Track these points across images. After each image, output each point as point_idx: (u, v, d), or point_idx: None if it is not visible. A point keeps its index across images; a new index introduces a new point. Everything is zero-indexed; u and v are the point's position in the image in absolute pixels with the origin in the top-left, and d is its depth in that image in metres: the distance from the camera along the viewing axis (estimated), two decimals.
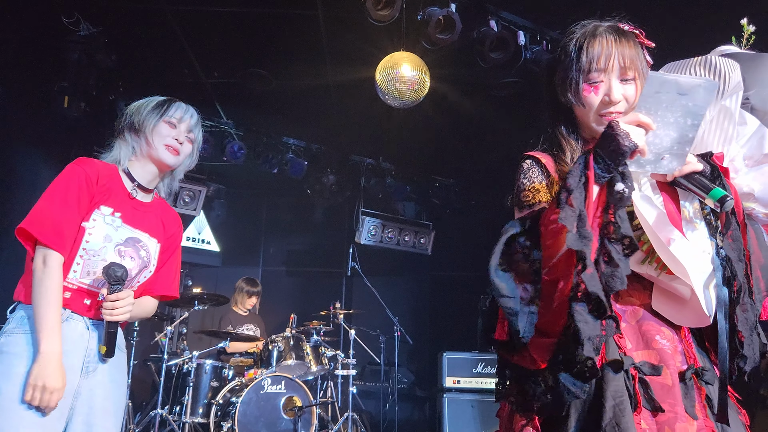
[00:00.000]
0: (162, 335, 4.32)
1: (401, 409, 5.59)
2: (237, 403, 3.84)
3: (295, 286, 6.70)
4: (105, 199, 1.65)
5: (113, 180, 1.70)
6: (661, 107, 1.10)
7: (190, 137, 1.82)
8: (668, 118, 1.10)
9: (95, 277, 1.63)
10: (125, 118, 1.78)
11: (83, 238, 1.59)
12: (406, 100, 3.80)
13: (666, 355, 1.16)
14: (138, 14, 3.97)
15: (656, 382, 1.13)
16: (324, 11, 3.93)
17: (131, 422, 4.10)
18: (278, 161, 5.68)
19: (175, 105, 1.79)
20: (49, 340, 1.48)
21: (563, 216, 1.04)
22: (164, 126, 1.74)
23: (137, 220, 1.73)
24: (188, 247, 5.94)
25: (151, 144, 1.73)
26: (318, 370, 4.46)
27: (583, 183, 1.08)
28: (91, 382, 1.60)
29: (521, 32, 3.90)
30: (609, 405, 1.08)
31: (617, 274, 1.04)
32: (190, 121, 1.81)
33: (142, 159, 1.76)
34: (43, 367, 1.46)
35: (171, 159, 1.76)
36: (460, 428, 4.55)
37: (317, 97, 5.00)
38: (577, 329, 1.02)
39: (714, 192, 1.10)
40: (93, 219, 1.61)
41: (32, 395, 1.44)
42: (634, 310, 1.23)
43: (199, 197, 5.65)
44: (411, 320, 6.11)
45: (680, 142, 1.11)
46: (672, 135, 1.11)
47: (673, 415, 1.10)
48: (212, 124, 5.39)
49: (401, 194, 6.41)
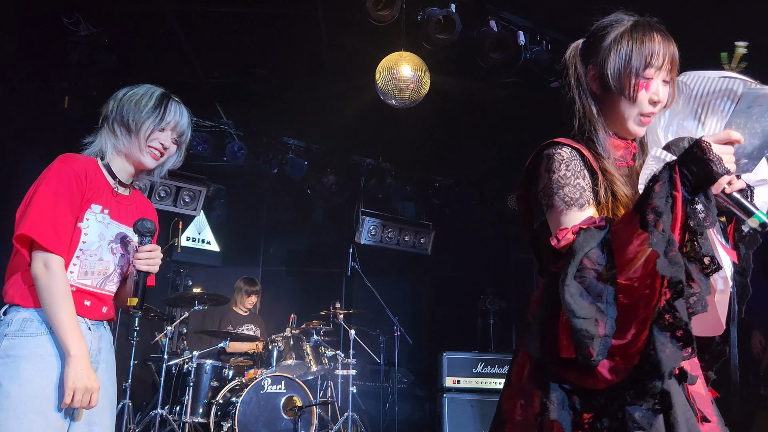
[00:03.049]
0: (162, 335, 4.32)
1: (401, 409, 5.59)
2: (237, 402, 3.84)
3: (295, 286, 6.70)
4: (94, 196, 1.65)
5: (97, 176, 1.68)
6: (751, 119, 1.10)
7: (179, 140, 1.79)
8: (756, 129, 1.10)
9: (93, 277, 1.63)
10: (119, 109, 1.72)
11: (80, 239, 1.60)
12: (406, 100, 3.80)
13: (695, 364, 1.16)
14: (138, 14, 3.97)
15: (694, 392, 1.10)
16: (324, 11, 3.93)
17: (131, 422, 4.10)
18: (278, 161, 5.67)
19: (172, 109, 1.75)
20: (75, 342, 1.50)
21: (654, 241, 0.97)
22: (157, 132, 1.72)
23: (122, 215, 1.73)
24: (188, 247, 5.94)
25: (141, 147, 1.71)
26: (318, 370, 4.46)
27: (670, 206, 1.00)
28: None
29: (521, 32, 3.90)
30: (681, 420, 1.02)
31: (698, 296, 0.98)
32: (182, 124, 1.78)
33: (123, 156, 1.74)
34: (78, 369, 1.48)
35: (152, 163, 1.74)
36: (460, 428, 4.55)
37: (317, 97, 5.00)
38: (659, 360, 0.96)
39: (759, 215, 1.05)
40: (87, 218, 1.61)
41: (74, 398, 1.47)
42: None
43: (199, 197, 5.65)
44: (411, 320, 6.10)
45: (761, 147, 1.12)
46: (756, 143, 1.11)
47: (714, 424, 1.09)
48: (212, 124, 5.39)
49: (401, 194, 6.41)
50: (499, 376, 4.70)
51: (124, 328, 4.64)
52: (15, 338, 1.50)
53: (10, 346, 1.49)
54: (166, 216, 5.58)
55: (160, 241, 6.33)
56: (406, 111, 4.20)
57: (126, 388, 4.03)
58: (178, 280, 5.91)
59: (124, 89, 1.77)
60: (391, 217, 6.44)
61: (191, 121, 1.83)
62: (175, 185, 5.47)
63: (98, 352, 1.65)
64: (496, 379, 4.69)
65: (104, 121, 1.74)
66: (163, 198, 5.40)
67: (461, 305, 6.23)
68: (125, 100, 1.73)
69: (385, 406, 5.74)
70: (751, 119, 1.09)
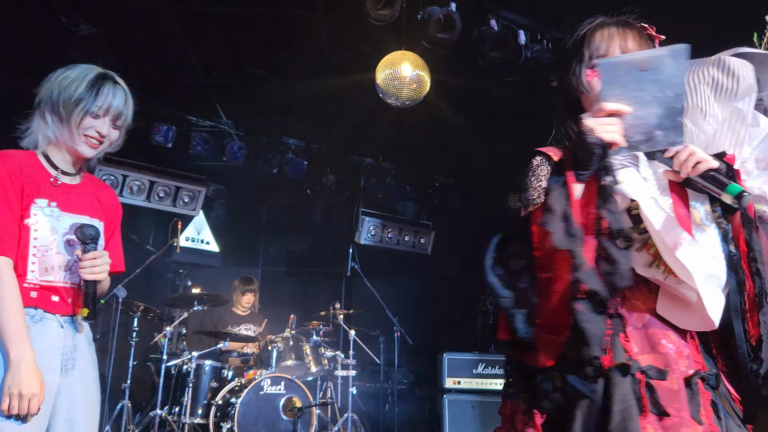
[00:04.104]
0: (161, 336, 4.31)
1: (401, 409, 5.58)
2: (236, 403, 3.83)
3: (295, 286, 6.69)
4: (36, 190, 1.58)
5: (35, 168, 1.61)
6: (628, 89, 1.08)
7: (117, 124, 1.67)
8: (644, 97, 1.08)
9: (55, 272, 1.59)
10: (49, 93, 1.62)
11: (30, 236, 1.55)
12: (406, 100, 3.79)
13: (671, 360, 1.16)
14: (138, 14, 3.97)
15: (662, 386, 1.12)
16: (324, 11, 3.93)
17: (131, 423, 4.09)
18: (278, 161, 5.67)
19: (105, 90, 1.62)
20: (16, 347, 1.44)
21: (544, 220, 1.06)
22: (89, 119, 1.61)
23: (73, 204, 1.66)
24: (188, 247, 5.92)
25: (74, 136, 1.61)
26: (318, 371, 4.45)
27: (562, 184, 1.09)
28: (70, 379, 1.59)
29: (521, 31, 3.90)
30: (617, 409, 1.08)
31: (618, 270, 1.03)
32: (119, 108, 1.65)
33: (60, 146, 1.65)
34: (15, 375, 1.42)
35: (90, 152, 1.65)
36: (461, 429, 4.54)
37: (317, 97, 4.99)
38: (583, 329, 1.02)
39: (731, 187, 1.07)
40: (33, 214, 1.56)
41: (10, 404, 1.41)
42: (639, 314, 1.22)
43: (198, 197, 5.64)
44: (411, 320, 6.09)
45: (669, 115, 1.09)
46: (656, 111, 1.09)
47: (678, 419, 1.09)
48: (212, 124, 5.38)
49: (401, 194, 6.41)
50: (499, 376, 4.69)
51: (124, 329, 4.63)
52: None
53: None
54: (166, 216, 5.57)
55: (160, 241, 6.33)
56: (406, 111, 4.19)
57: (125, 389, 4.02)
58: (177, 280, 5.90)
59: (58, 71, 1.66)
60: (391, 217, 6.43)
61: (129, 100, 1.69)
62: (175, 185, 5.47)
63: (73, 349, 1.61)
64: (497, 380, 4.68)
65: (36, 106, 1.65)
66: (162, 198, 5.39)
67: (461, 305, 6.22)
68: (56, 84, 1.62)
69: (385, 406, 5.73)
70: (628, 88, 1.08)
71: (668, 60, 1.05)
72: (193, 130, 5.19)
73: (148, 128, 4.85)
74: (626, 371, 1.12)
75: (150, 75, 4.59)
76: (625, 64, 1.07)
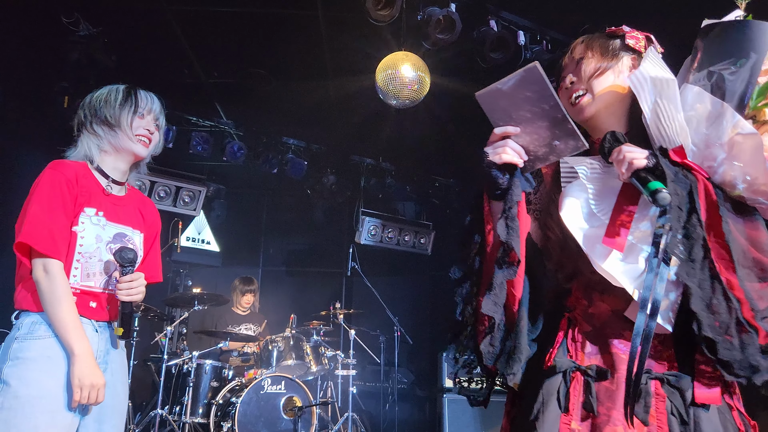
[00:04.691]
0: (162, 335, 4.32)
1: (401, 409, 5.59)
2: (237, 403, 3.84)
3: (295, 286, 6.70)
4: (87, 200, 1.68)
5: (88, 179, 1.72)
6: (509, 111, 1.15)
7: (158, 125, 1.85)
8: (524, 115, 1.14)
9: (96, 278, 1.67)
10: (93, 111, 1.77)
11: (77, 242, 1.63)
12: (406, 100, 3.80)
13: (618, 360, 1.17)
14: (138, 14, 3.97)
15: (601, 386, 1.15)
16: (324, 11, 3.93)
17: (131, 422, 4.10)
18: (278, 161, 5.67)
19: (142, 96, 1.80)
20: (78, 342, 1.54)
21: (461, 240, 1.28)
22: (137, 120, 1.77)
23: (119, 215, 1.76)
24: (188, 247, 5.93)
25: (130, 137, 1.75)
26: (318, 370, 4.46)
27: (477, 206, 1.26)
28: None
29: (521, 32, 3.90)
30: (537, 404, 1.16)
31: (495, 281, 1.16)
32: (157, 110, 1.83)
33: (113, 153, 1.78)
34: (83, 367, 1.53)
35: (144, 150, 1.79)
36: (460, 428, 4.54)
37: (317, 97, 4.99)
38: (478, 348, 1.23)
39: (649, 185, 1.06)
40: (81, 222, 1.65)
41: (81, 395, 1.51)
42: (600, 315, 1.24)
43: (199, 197, 5.64)
44: (411, 320, 6.10)
45: (556, 125, 1.13)
46: (543, 124, 1.14)
47: (605, 418, 1.11)
48: (212, 124, 5.39)
49: (401, 194, 6.41)
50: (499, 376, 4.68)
51: None
52: (24, 341, 1.55)
53: (19, 349, 1.54)
54: (166, 216, 5.57)
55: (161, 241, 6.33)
56: (406, 111, 4.20)
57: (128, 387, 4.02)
58: (177, 280, 5.91)
59: (88, 96, 1.82)
60: (391, 217, 6.44)
61: (162, 105, 1.87)
62: (175, 185, 5.47)
63: (106, 353, 1.68)
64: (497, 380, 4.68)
65: (81, 127, 1.78)
66: (162, 198, 5.40)
67: None
68: (95, 102, 1.78)
69: (386, 406, 5.74)
70: (508, 112, 1.16)
71: (527, 78, 1.10)
72: (193, 130, 5.20)
73: None
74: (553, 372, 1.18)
75: (150, 75, 4.60)
76: (493, 92, 1.14)
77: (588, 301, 1.25)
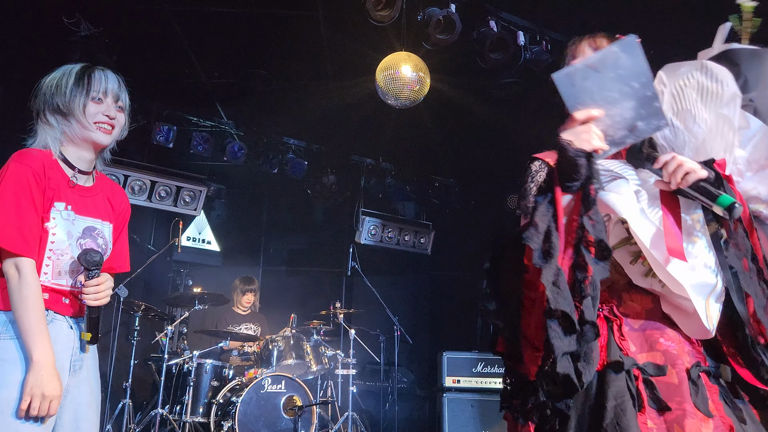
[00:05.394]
0: (162, 335, 4.32)
1: (401, 408, 5.59)
2: (237, 402, 3.84)
3: (295, 286, 6.70)
4: (56, 193, 1.59)
5: (54, 170, 1.61)
6: (593, 92, 1.09)
7: (120, 106, 1.68)
8: (611, 95, 1.08)
9: (67, 275, 1.61)
10: (44, 98, 1.63)
11: (48, 239, 1.56)
12: (407, 100, 3.81)
13: (672, 356, 1.17)
14: (138, 14, 3.98)
15: (662, 382, 1.13)
16: (324, 12, 3.94)
17: (132, 422, 4.10)
18: (278, 161, 5.68)
19: (96, 76, 1.64)
20: (39, 348, 1.46)
21: (527, 235, 1.07)
22: (92, 105, 1.62)
23: (87, 207, 1.67)
24: (188, 246, 5.93)
25: (85, 126, 1.61)
26: (318, 370, 4.47)
27: (549, 200, 1.10)
28: (78, 379, 1.62)
29: (521, 32, 3.91)
30: (610, 405, 1.09)
31: (589, 279, 1.05)
32: (116, 89, 1.66)
33: (76, 142, 1.64)
34: (39, 376, 1.44)
35: (106, 138, 1.65)
36: (460, 428, 4.55)
37: (317, 97, 5.00)
38: (551, 345, 1.04)
39: (721, 199, 1.06)
40: (53, 218, 1.58)
41: (32, 405, 1.42)
42: (636, 315, 1.24)
43: (199, 197, 5.65)
44: (411, 320, 6.11)
45: (643, 104, 1.09)
46: (629, 104, 1.09)
47: (681, 412, 1.10)
48: (212, 124, 5.39)
49: (401, 194, 6.41)
50: (498, 375, 4.70)
51: (125, 328, 4.64)
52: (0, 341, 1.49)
53: None
54: (167, 216, 5.58)
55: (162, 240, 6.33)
56: (406, 111, 4.20)
57: (126, 388, 4.03)
58: (178, 279, 5.92)
59: (43, 79, 1.67)
60: (391, 217, 6.44)
61: (122, 83, 1.70)
62: (176, 185, 5.48)
63: (81, 349, 1.64)
64: (496, 379, 4.69)
65: (36, 117, 1.66)
66: (163, 198, 5.41)
67: (461, 305, 6.23)
68: (46, 88, 1.64)
69: (385, 405, 5.74)
70: (592, 92, 1.08)
71: (621, 55, 1.04)
72: (193, 130, 5.20)
73: (149, 128, 4.86)
74: (620, 368, 1.13)
75: (150, 75, 4.61)
76: (579, 71, 1.08)
77: (618, 300, 1.25)
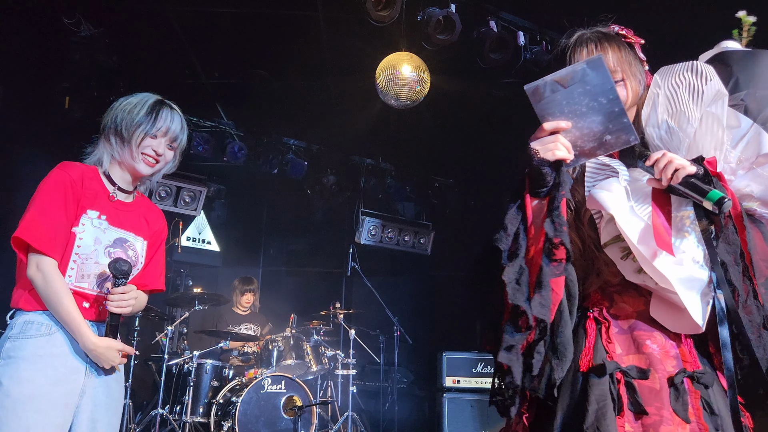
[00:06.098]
0: (163, 335, 4.33)
1: (401, 408, 5.59)
2: (237, 402, 3.85)
3: (295, 286, 6.70)
4: (91, 202, 1.69)
5: (95, 182, 1.73)
6: (562, 105, 1.13)
7: (173, 146, 1.81)
8: (579, 109, 1.12)
9: (90, 280, 1.67)
10: (114, 118, 1.75)
11: (75, 243, 1.64)
12: (407, 100, 3.81)
13: (655, 360, 1.17)
14: (139, 15, 3.98)
15: (644, 385, 1.15)
16: (324, 12, 3.94)
17: (132, 422, 4.11)
18: (278, 161, 5.68)
19: (164, 115, 1.76)
20: (86, 337, 1.59)
21: (496, 238, 1.14)
22: (148, 139, 1.74)
23: (122, 220, 1.77)
24: (188, 247, 5.94)
25: (133, 155, 1.74)
26: (318, 370, 4.47)
27: (518, 205, 1.17)
28: (95, 381, 1.65)
29: (521, 33, 3.91)
30: (592, 409, 1.11)
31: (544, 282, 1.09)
32: (176, 131, 1.79)
33: (122, 165, 1.78)
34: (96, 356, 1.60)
35: (147, 170, 1.77)
36: (460, 428, 4.55)
37: (317, 97, 5.00)
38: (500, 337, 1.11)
39: (711, 194, 1.09)
40: (82, 224, 1.66)
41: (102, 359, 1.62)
42: (626, 316, 1.24)
43: (199, 197, 5.65)
44: (411, 320, 6.11)
45: (612, 120, 1.12)
46: (596, 118, 1.13)
47: (658, 418, 1.11)
48: (212, 125, 5.40)
49: (401, 194, 6.42)
50: None
51: (125, 328, 4.64)
52: (16, 340, 1.56)
53: (12, 348, 1.55)
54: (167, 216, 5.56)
55: None
56: (406, 111, 4.20)
57: (126, 388, 4.03)
58: (178, 280, 5.92)
59: (121, 98, 1.79)
60: (390, 217, 6.45)
61: (185, 125, 1.83)
62: (176, 185, 5.48)
63: None
64: None
65: (102, 131, 1.78)
66: (163, 198, 5.41)
67: (461, 305, 6.23)
68: (119, 109, 1.76)
69: (385, 405, 5.74)
70: (561, 105, 1.12)
71: (588, 71, 1.08)
72: (193, 130, 5.20)
73: None
74: (602, 372, 1.15)
75: (150, 75, 4.61)
76: (548, 84, 1.12)
77: (609, 302, 1.26)
